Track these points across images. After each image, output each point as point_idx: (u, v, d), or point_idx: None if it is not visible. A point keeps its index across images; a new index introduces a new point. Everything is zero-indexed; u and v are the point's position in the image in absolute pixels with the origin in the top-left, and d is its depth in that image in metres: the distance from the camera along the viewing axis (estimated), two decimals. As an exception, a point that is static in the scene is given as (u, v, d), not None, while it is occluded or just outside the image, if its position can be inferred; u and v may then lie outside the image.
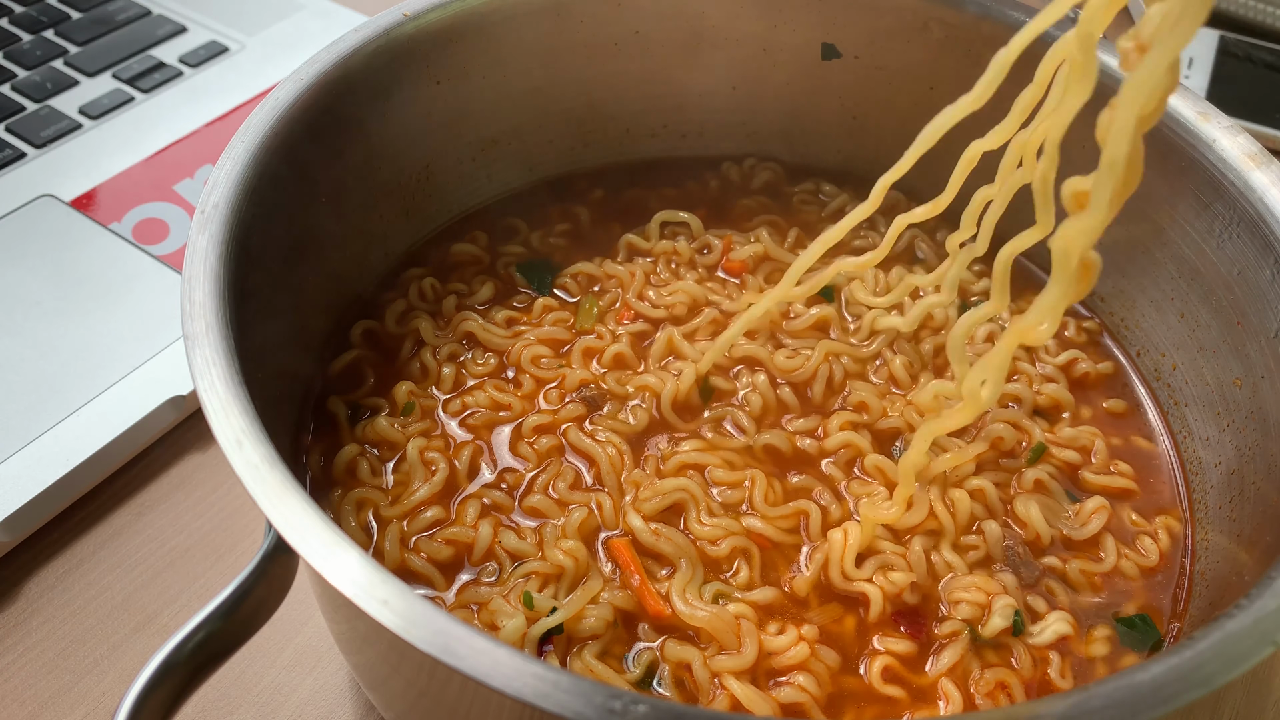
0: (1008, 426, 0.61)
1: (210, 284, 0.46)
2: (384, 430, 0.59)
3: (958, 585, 0.55)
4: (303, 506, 0.39)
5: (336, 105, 0.59)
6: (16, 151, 0.88)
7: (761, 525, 0.56)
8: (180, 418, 0.71)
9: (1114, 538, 0.58)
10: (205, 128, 0.92)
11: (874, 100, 0.75)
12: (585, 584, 0.53)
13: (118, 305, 0.76)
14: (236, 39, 1.02)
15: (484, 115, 0.71)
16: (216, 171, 0.51)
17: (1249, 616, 0.39)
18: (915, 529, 0.57)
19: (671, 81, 0.76)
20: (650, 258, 0.71)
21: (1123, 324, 0.68)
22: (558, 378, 0.63)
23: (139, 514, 0.68)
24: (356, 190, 0.64)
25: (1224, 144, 0.57)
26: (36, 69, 0.96)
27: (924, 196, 0.56)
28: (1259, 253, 0.56)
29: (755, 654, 0.51)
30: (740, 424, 0.61)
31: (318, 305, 0.63)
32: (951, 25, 0.69)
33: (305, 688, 0.60)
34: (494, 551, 0.54)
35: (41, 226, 0.81)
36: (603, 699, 0.34)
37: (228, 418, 0.41)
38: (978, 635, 0.53)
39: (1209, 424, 0.61)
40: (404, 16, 0.62)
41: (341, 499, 0.56)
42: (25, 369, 0.71)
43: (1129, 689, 0.36)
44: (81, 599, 0.63)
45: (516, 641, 0.50)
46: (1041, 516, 0.57)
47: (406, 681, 0.46)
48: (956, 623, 0.53)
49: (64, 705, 0.59)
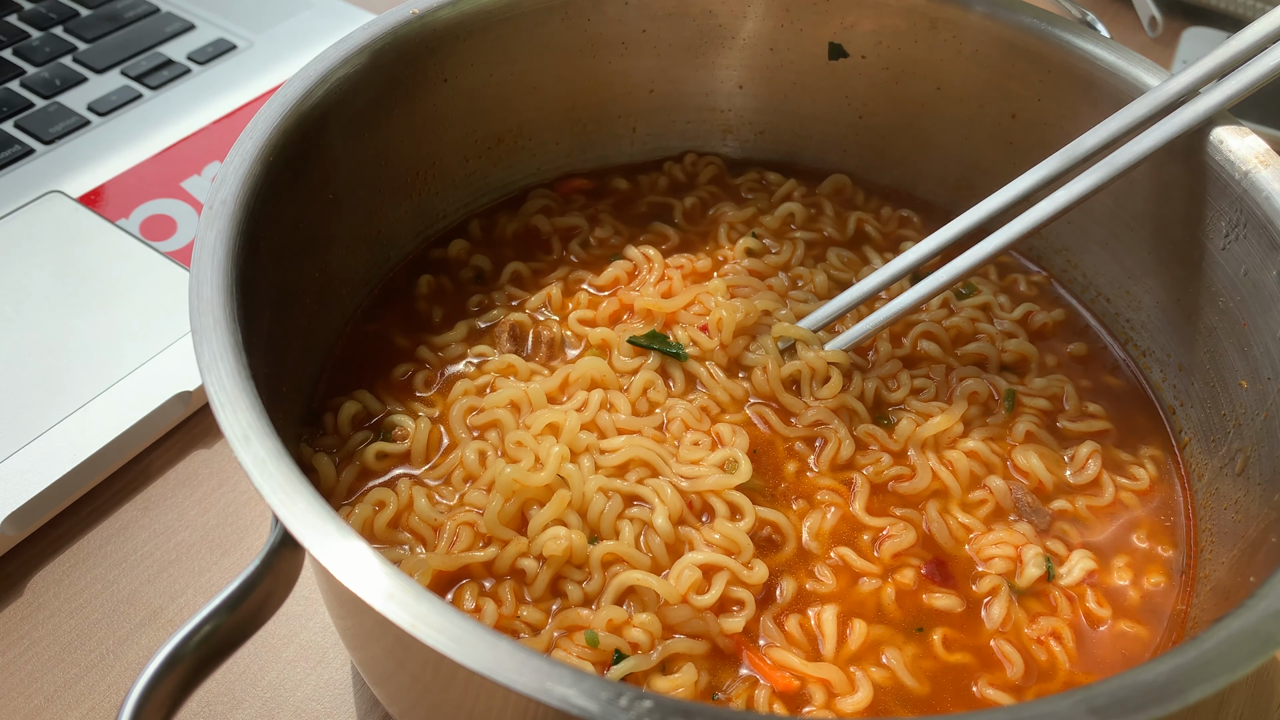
0: (978, 380, 0.64)
1: (218, 280, 0.46)
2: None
3: (986, 542, 0.57)
4: (309, 501, 0.39)
5: (344, 103, 0.59)
6: (25, 148, 0.88)
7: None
8: (187, 413, 0.72)
9: (1108, 473, 0.62)
10: (213, 125, 0.92)
11: (881, 100, 0.75)
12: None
13: (125, 301, 0.76)
14: (245, 36, 1.03)
15: (491, 113, 0.71)
16: (224, 168, 0.51)
17: (1253, 617, 0.39)
18: (922, 493, 0.60)
19: (679, 80, 0.76)
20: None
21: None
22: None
23: (145, 509, 0.68)
24: (364, 187, 0.64)
25: (1231, 144, 0.57)
26: (45, 65, 0.97)
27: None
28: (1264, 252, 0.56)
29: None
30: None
31: (324, 301, 0.63)
32: (958, 25, 0.69)
33: (309, 683, 0.60)
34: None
35: (50, 222, 0.82)
36: (609, 694, 0.34)
37: (235, 413, 0.41)
38: (1014, 587, 0.56)
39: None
40: (413, 14, 0.62)
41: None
42: (33, 364, 0.71)
43: (1133, 687, 0.36)
44: (87, 593, 0.64)
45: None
46: (1043, 465, 0.61)
47: (412, 676, 0.46)
48: (994, 578, 0.56)
49: (70, 699, 0.59)
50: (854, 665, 0.52)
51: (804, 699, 0.51)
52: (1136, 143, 0.58)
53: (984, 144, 0.73)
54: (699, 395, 0.62)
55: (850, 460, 0.60)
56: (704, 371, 0.63)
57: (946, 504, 0.59)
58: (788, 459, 0.60)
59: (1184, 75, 0.58)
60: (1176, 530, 0.60)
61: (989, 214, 0.62)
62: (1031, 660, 0.53)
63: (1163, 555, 0.59)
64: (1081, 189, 0.59)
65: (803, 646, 0.53)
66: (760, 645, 0.53)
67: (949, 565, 0.57)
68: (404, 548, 0.55)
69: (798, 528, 0.57)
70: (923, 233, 0.72)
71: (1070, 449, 0.63)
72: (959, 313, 0.69)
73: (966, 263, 0.62)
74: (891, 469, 0.60)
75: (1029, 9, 0.66)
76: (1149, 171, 0.62)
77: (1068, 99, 0.66)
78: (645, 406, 0.61)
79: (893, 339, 0.66)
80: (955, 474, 0.60)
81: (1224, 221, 0.58)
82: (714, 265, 0.71)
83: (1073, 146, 0.61)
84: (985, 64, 0.69)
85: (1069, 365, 0.68)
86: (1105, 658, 0.54)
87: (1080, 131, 0.61)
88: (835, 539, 0.57)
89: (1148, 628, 0.55)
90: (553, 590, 0.53)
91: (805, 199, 0.77)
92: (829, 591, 0.55)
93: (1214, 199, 0.58)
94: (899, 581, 0.56)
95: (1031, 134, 0.70)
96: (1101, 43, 0.64)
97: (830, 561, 0.56)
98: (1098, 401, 0.65)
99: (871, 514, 0.58)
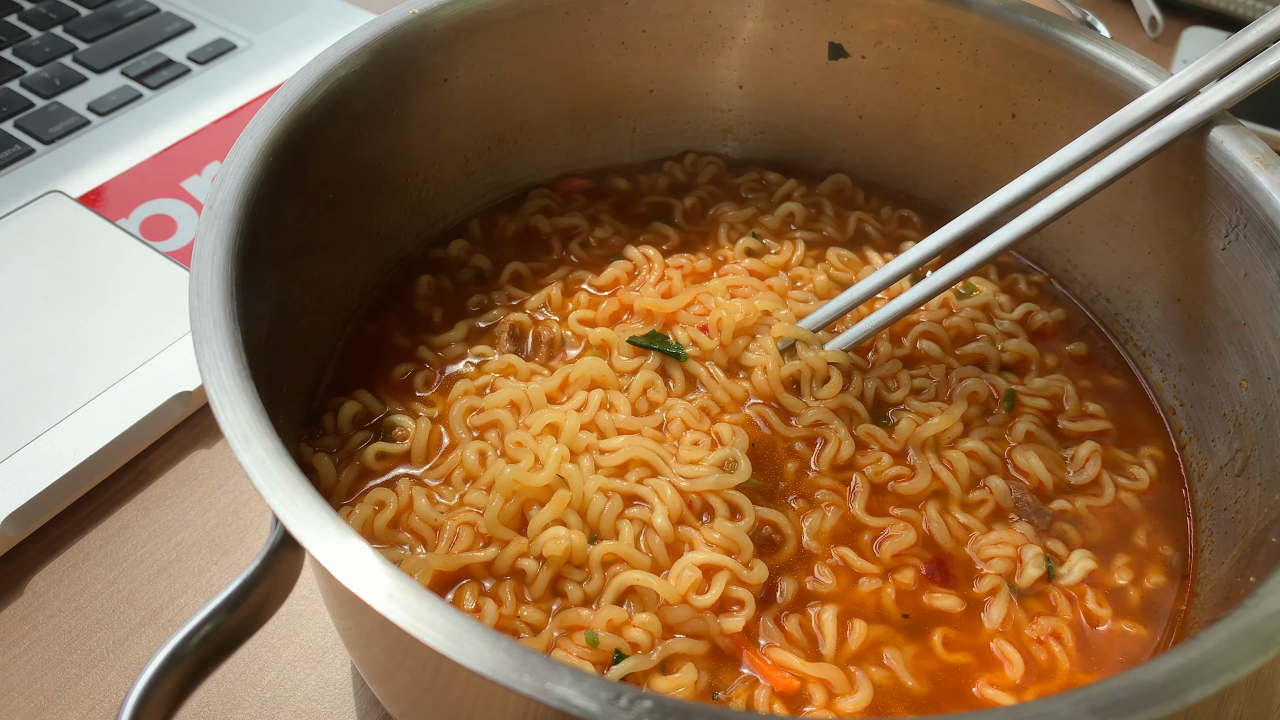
0: (978, 380, 0.64)
1: (218, 280, 0.46)
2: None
3: (985, 542, 0.58)
4: (309, 501, 0.39)
5: (344, 103, 0.59)
6: (25, 148, 0.88)
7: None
8: (187, 413, 0.72)
9: (1108, 473, 0.62)
10: (213, 125, 0.92)
11: (881, 100, 0.75)
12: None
13: (125, 301, 0.76)
14: (245, 36, 1.03)
15: (491, 113, 0.71)
16: (224, 168, 0.51)
17: (1253, 617, 0.39)
18: (922, 493, 0.59)
19: (678, 80, 0.76)
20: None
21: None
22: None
23: (145, 509, 0.68)
24: (364, 187, 0.64)
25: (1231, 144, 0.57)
26: (45, 65, 0.97)
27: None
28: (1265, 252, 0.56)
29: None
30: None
31: (324, 301, 0.63)
32: (958, 25, 0.69)
33: (309, 684, 0.60)
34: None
35: (50, 222, 0.82)
36: (609, 694, 0.34)
37: (235, 413, 0.41)
38: (1014, 587, 0.56)
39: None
40: (413, 14, 0.62)
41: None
42: (33, 364, 0.71)
43: (1133, 687, 0.36)
44: (87, 593, 0.64)
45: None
46: (1042, 465, 0.61)
47: (412, 676, 0.46)
48: (994, 578, 0.56)
49: (70, 699, 0.59)
50: (854, 665, 0.52)
51: (804, 699, 0.51)
52: (1136, 143, 0.58)
53: (984, 144, 0.73)
54: (699, 395, 0.62)
55: (850, 460, 0.60)
56: (704, 371, 0.63)
57: (946, 504, 0.59)
58: (788, 459, 0.60)
59: (1184, 75, 0.58)
60: (1176, 530, 0.60)
61: (989, 214, 0.62)
62: (1031, 660, 0.53)
63: (1163, 555, 0.59)
64: (1081, 189, 0.59)
65: (803, 646, 0.53)
66: (760, 645, 0.53)
67: (949, 565, 0.57)
68: (404, 548, 0.55)
69: (798, 528, 0.57)
70: (923, 233, 0.72)
71: (1070, 449, 0.63)
72: (959, 313, 0.69)
73: (966, 263, 0.62)
74: (891, 469, 0.60)
75: (1029, 9, 0.66)
76: (1149, 171, 0.62)
77: (1068, 99, 0.66)
78: (645, 406, 0.61)
79: (893, 339, 0.66)
80: (955, 474, 0.60)
81: (1224, 221, 0.58)
82: (714, 265, 0.71)
83: (1073, 146, 0.61)
84: (985, 64, 0.69)
85: (1069, 365, 0.68)
86: (1105, 658, 0.54)
87: (1080, 131, 0.61)
88: (835, 539, 0.57)
89: (1148, 628, 0.55)
90: (553, 590, 0.53)
91: (805, 199, 0.77)
92: (829, 591, 0.55)
93: (1214, 199, 0.58)
94: (899, 581, 0.56)
95: (1031, 134, 0.69)
96: (1101, 43, 0.64)
97: (830, 561, 0.57)
98: (1098, 401, 0.65)
99: (871, 514, 0.58)
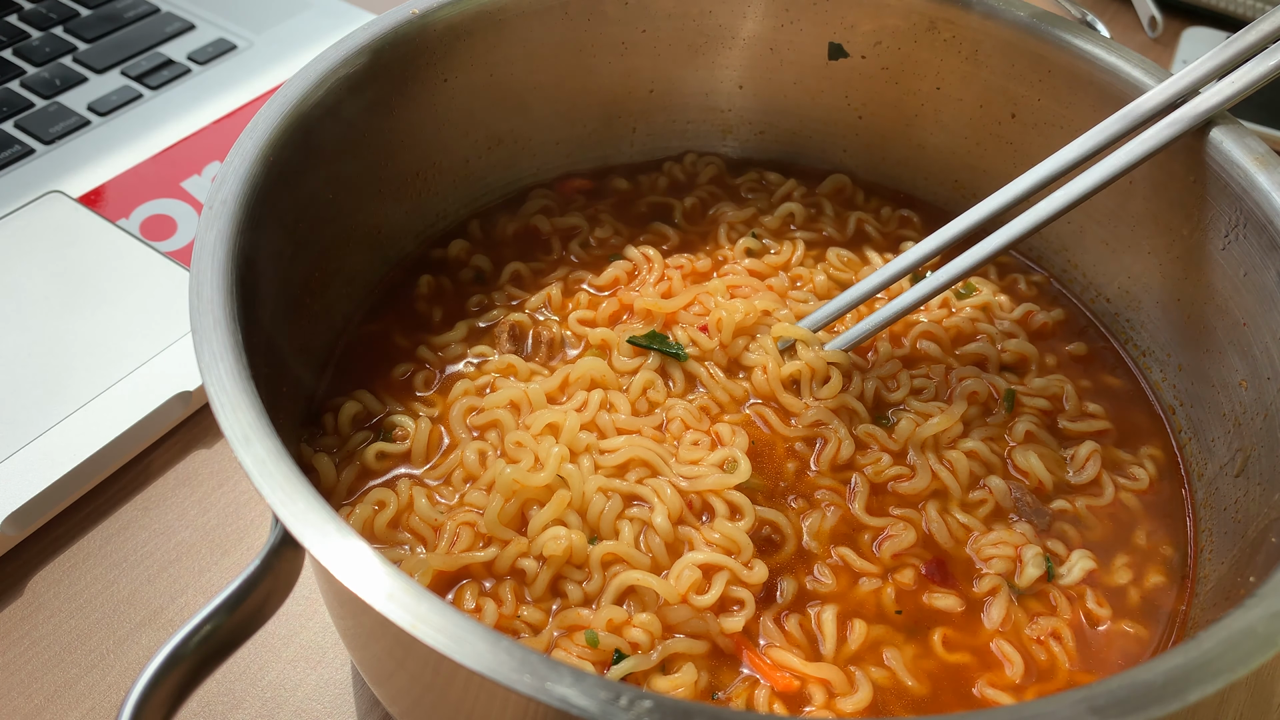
0: (977, 380, 0.64)
1: (218, 280, 0.46)
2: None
3: (985, 542, 0.58)
4: (309, 501, 0.39)
5: (344, 102, 0.59)
6: (25, 148, 0.88)
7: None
8: (187, 413, 0.72)
9: (1108, 473, 0.62)
10: (213, 125, 0.92)
11: (880, 100, 0.75)
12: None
13: (125, 301, 0.76)
14: (245, 36, 1.02)
15: (491, 113, 0.71)
16: (225, 168, 0.51)
17: (1253, 617, 0.39)
18: (922, 493, 0.60)
19: (678, 80, 0.76)
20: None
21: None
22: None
23: (145, 509, 0.68)
24: (364, 187, 0.64)
25: (1231, 144, 0.57)
26: (45, 65, 0.97)
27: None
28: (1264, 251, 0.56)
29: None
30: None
31: (324, 301, 0.63)
32: (958, 25, 0.69)
33: (309, 683, 0.60)
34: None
35: (50, 222, 0.82)
36: (608, 694, 0.34)
37: (235, 413, 0.41)
38: (1014, 587, 0.56)
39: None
40: (413, 14, 0.62)
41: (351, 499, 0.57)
42: (33, 364, 0.71)
43: (1133, 687, 0.36)
44: (87, 593, 0.64)
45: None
46: (1042, 465, 0.61)
47: (411, 676, 0.46)
48: (994, 578, 0.56)
49: (70, 699, 0.59)
50: (854, 665, 0.52)
51: (804, 699, 0.51)
52: (1136, 143, 0.58)
53: (984, 144, 0.73)
54: (699, 395, 0.62)
55: (850, 460, 0.60)
56: (704, 371, 0.63)
57: (946, 504, 0.59)
58: (787, 459, 0.60)
59: (1184, 75, 0.58)
60: (1176, 530, 0.60)
61: (989, 214, 0.62)
62: (1031, 660, 0.53)
63: (1163, 555, 0.59)
64: (1081, 189, 0.59)
65: (803, 646, 0.53)
66: (760, 645, 0.53)
67: (949, 565, 0.57)
68: (404, 548, 0.55)
69: (797, 527, 0.57)
70: (923, 233, 0.72)
71: (1070, 449, 0.63)
72: (959, 313, 0.69)
73: (966, 263, 0.62)
74: (891, 469, 0.60)
75: (1029, 9, 0.66)
76: (1149, 171, 0.62)
77: (1068, 99, 0.66)
78: (645, 406, 0.61)
79: (892, 339, 0.66)
80: (955, 474, 0.60)
81: (1224, 221, 0.58)
82: (714, 265, 0.71)
83: (1073, 146, 0.61)
84: (985, 64, 0.69)
85: (1069, 365, 0.68)
86: (1105, 658, 0.54)
87: (1080, 131, 0.61)
88: (835, 539, 0.57)
89: (1148, 628, 0.55)
90: (553, 590, 0.53)
91: (805, 199, 0.77)
92: (829, 591, 0.55)
93: (1214, 199, 0.58)
94: (899, 581, 0.56)
95: (1031, 134, 0.70)
96: (1101, 43, 0.64)
97: (830, 561, 0.57)
98: (1098, 401, 0.65)
99: (871, 514, 0.58)
